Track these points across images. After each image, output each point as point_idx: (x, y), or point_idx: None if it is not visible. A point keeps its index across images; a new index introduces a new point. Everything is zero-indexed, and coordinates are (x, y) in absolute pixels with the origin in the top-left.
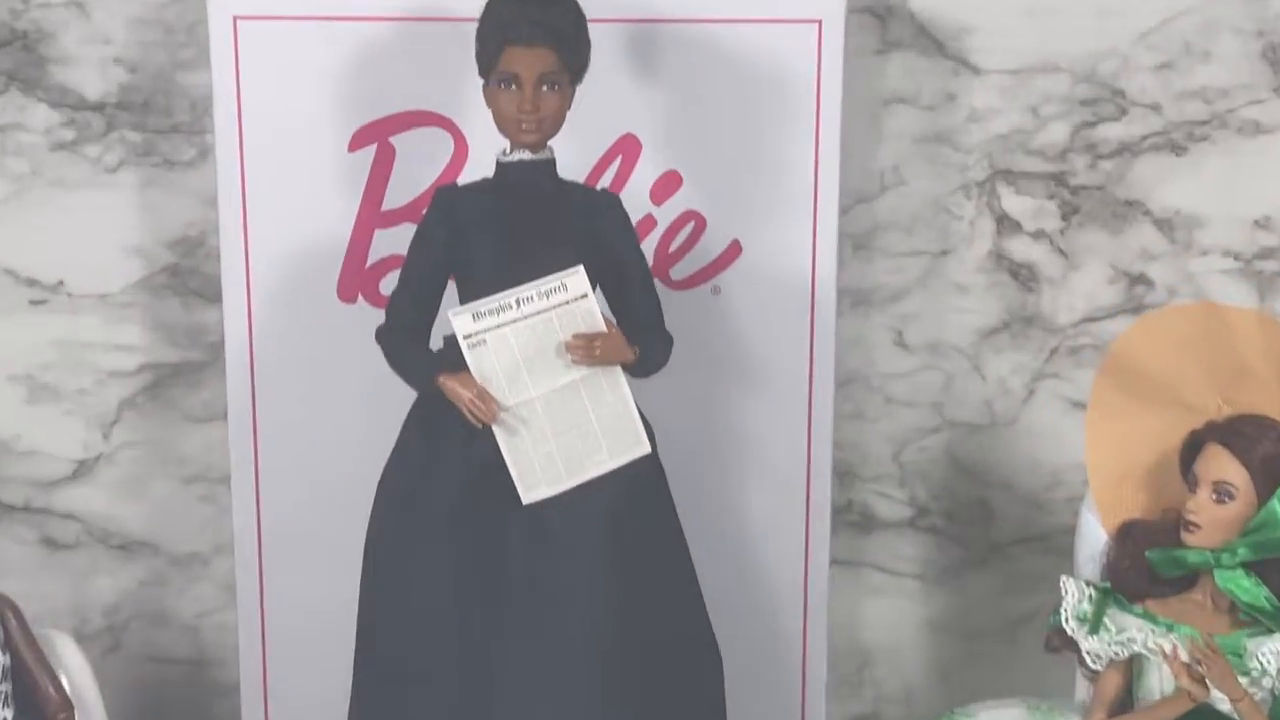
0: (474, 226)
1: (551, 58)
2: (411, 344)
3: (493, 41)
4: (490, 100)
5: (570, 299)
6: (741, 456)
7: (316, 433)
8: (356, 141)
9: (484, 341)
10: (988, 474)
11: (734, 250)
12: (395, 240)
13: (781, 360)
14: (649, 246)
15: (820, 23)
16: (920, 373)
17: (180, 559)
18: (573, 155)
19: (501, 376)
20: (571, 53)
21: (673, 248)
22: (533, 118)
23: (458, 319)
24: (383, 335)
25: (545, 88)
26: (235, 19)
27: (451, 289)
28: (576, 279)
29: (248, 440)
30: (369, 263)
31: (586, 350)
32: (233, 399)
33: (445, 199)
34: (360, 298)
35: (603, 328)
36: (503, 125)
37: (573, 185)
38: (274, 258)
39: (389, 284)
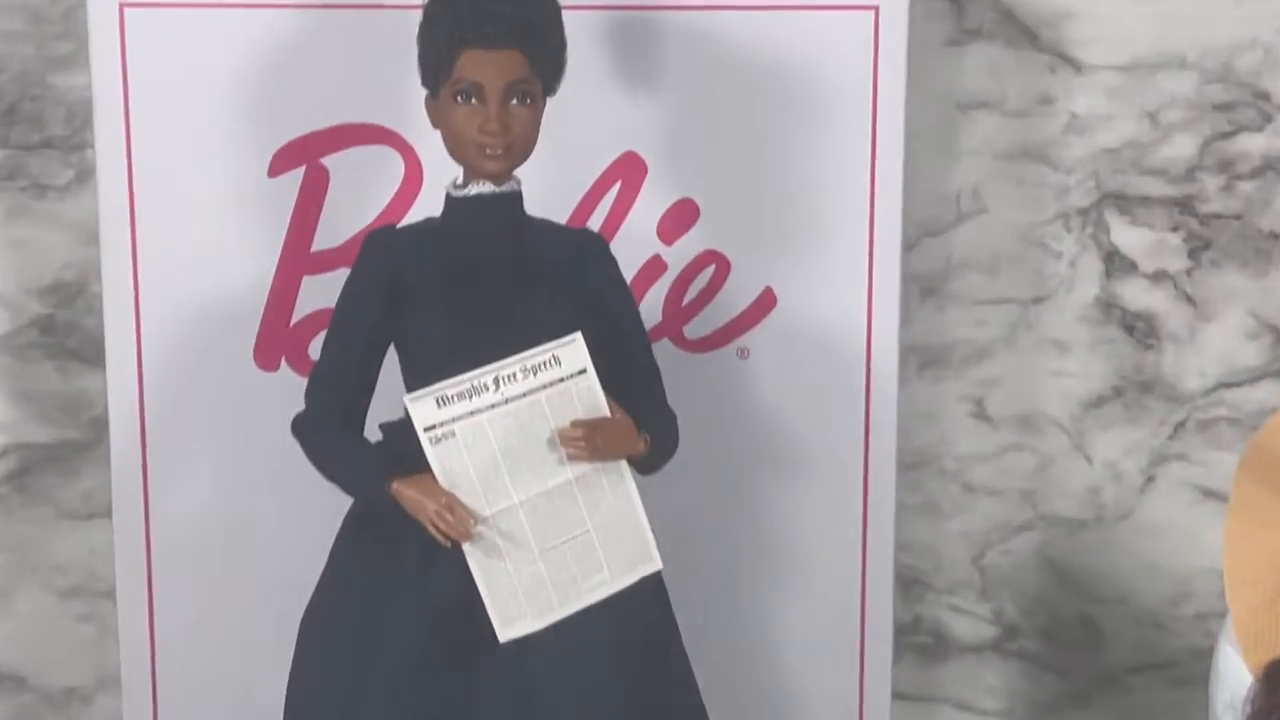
0: (421, 281)
1: (521, 62)
2: (342, 437)
3: (443, 42)
4: (439, 118)
5: (565, 376)
6: (778, 563)
7: (225, 535)
8: (279, 164)
9: (452, 434)
10: (1094, 584)
11: (766, 301)
12: (328, 290)
13: (829, 440)
14: (657, 296)
15: (877, 9)
16: (1007, 454)
17: (54, 695)
18: (554, 182)
19: (475, 479)
20: (545, 54)
21: (688, 299)
22: (500, 140)
23: (417, 406)
24: (303, 426)
25: (514, 100)
26: (121, 6)
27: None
28: (573, 351)
29: (138, 544)
30: (294, 319)
31: (587, 443)
32: (118, 490)
33: (381, 245)
34: (284, 363)
35: (606, 412)
36: (458, 150)
37: (545, 224)
38: (171, 310)
39: (319, 346)
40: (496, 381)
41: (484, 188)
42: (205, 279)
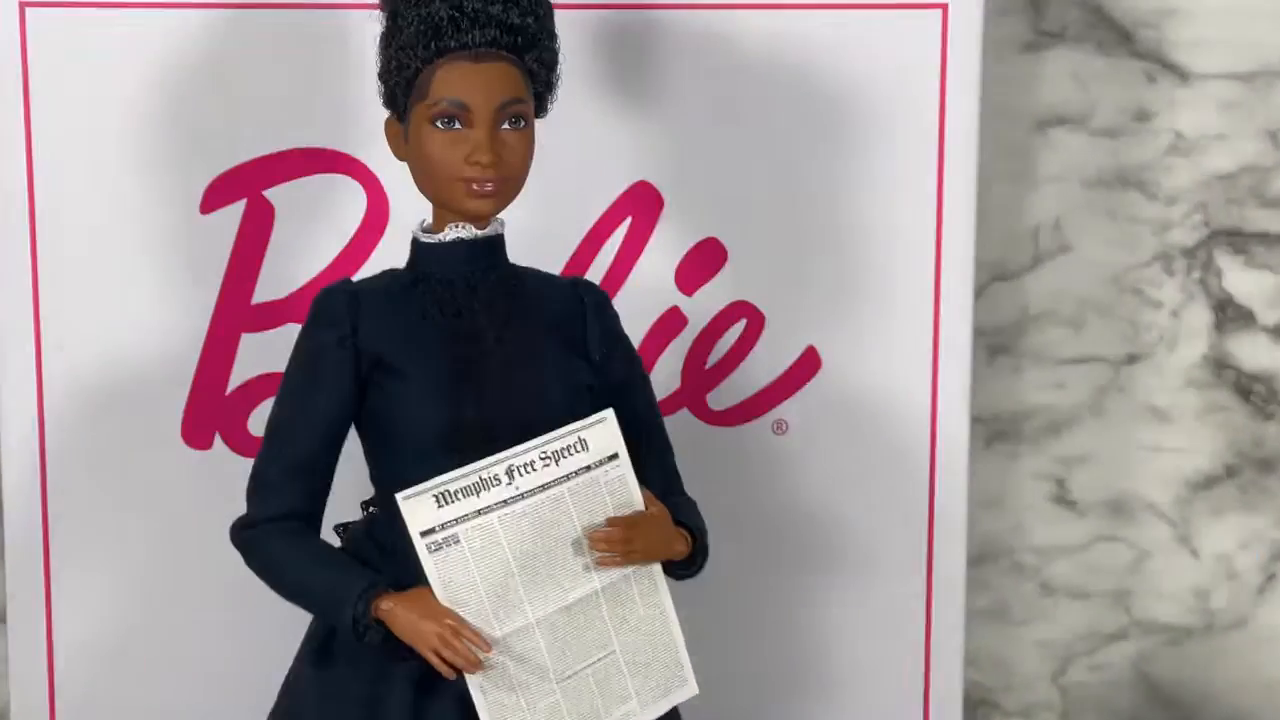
0: (395, 350)
1: (513, 77)
2: (305, 545)
3: (415, 52)
4: (408, 147)
5: (593, 463)
6: (826, 683)
7: (145, 652)
8: (213, 197)
9: (455, 540)
10: (1203, 703)
11: (808, 363)
12: (272, 350)
13: (883, 531)
14: (675, 357)
15: (946, 7)
16: (1095, 546)
17: None
18: (548, 221)
19: (484, 594)
20: (539, 65)
21: (712, 360)
22: (491, 173)
23: (413, 506)
24: (249, 536)
25: (507, 124)
26: (22, 5)
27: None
28: (603, 433)
29: (37, 659)
30: (231, 386)
31: (623, 544)
32: (14, 596)
33: (339, 306)
34: (218, 440)
35: (640, 505)
36: (435, 186)
37: (532, 274)
38: (80, 376)
39: (262, 419)
40: (510, 472)
41: (464, 232)
42: (122, 337)
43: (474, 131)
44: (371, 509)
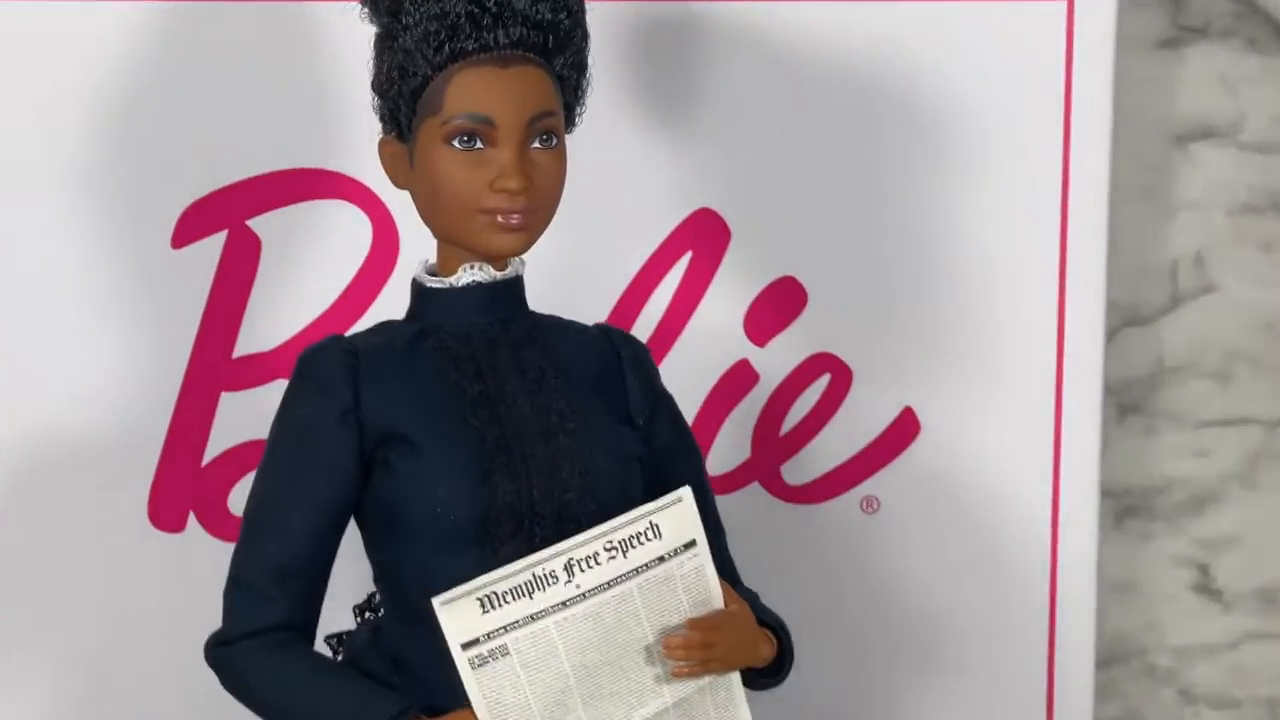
0: (403, 420)
1: (544, 84)
2: (296, 660)
3: (424, 55)
4: (421, 170)
5: (666, 554)
6: None
7: None
8: (187, 228)
9: (503, 651)
10: None
11: (904, 428)
12: (257, 413)
13: (995, 628)
14: (745, 421)
15: (1072, 0)
16: (1244, 646)
17: None
18: (589, 256)
19: (536, 713)
20: (571, 70)
21: (788, 425)
22: (521, 202)
23: (453, 613)
24: (231, 651)
25: (538, 141)
26: None
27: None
28: (679, 516)
29: None
30: (208, 456)
31: (702, 651)
32: None
33: (334, 369)
34: (191, 521)
35: (720, 602)
36: (452, 218)
37: (554, 323)
38: (25, 443)
39: (245, 496)
40: (569, 568)
41: (481, 274)
42: (76, 398)
43: (499, 151)
44: (368, 614)
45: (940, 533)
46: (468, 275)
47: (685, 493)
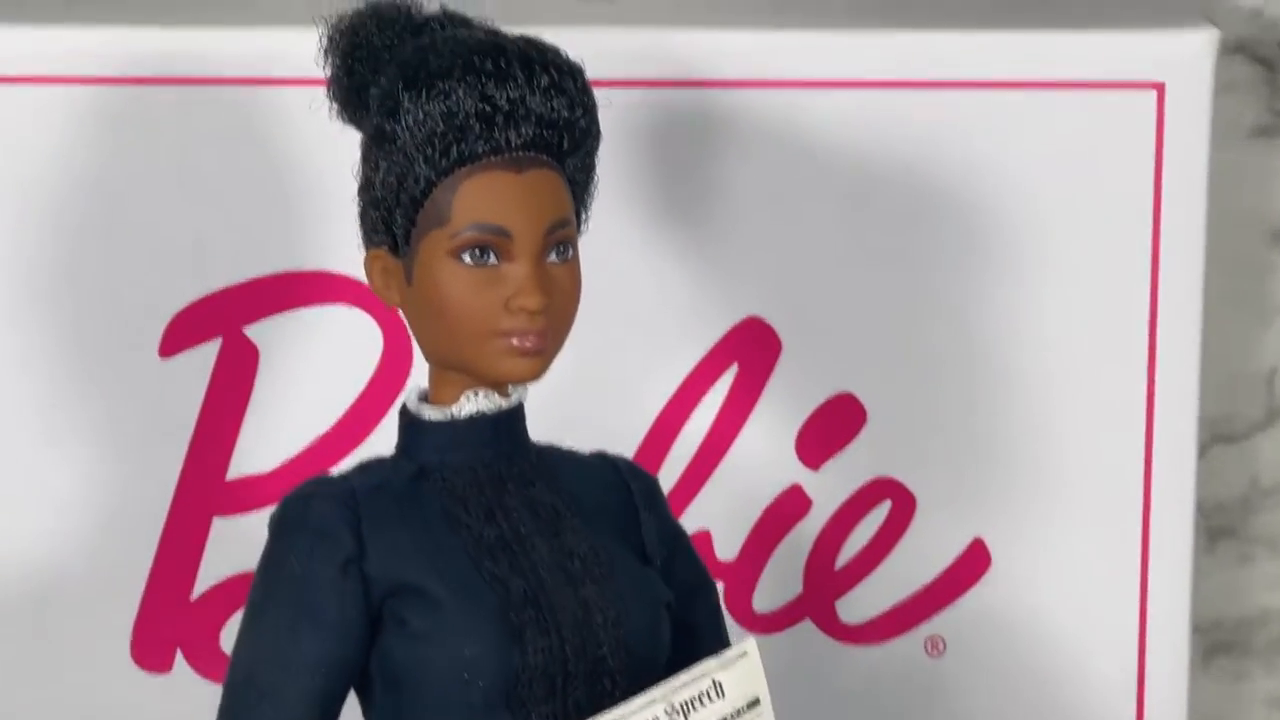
0: (413, 572)
1: (560, 189)
2: None
3: (427, 159)
4: (421, 289)
5: (730, 714)
6: None
7: None
8: (177, 336)
9: None
10: None
11: (973, 561)
12: (253, 541)
13: None
14: (796, 553)
15: (1163, 86)
16: None
17: None
18: (622, 370)
19: None
20: (581, 172)
21: (844, 558)
22: (540, 323)
23: None
24: None
25: (554, 254)
26: None
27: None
28: (744, 671)
29: None
30: (198, 588)
31: None
32: None
33: (331, 515)
34: (179, 660)
35: None
36: (460, 341)
37: (555, 453)
38: None
39: (231, 681)
40: None
41: (485, 403)
42: (50, 524)
43: (515, 266)
44: None
45: (1013, 677)
46: (470, 405)
47: (750, 645)
